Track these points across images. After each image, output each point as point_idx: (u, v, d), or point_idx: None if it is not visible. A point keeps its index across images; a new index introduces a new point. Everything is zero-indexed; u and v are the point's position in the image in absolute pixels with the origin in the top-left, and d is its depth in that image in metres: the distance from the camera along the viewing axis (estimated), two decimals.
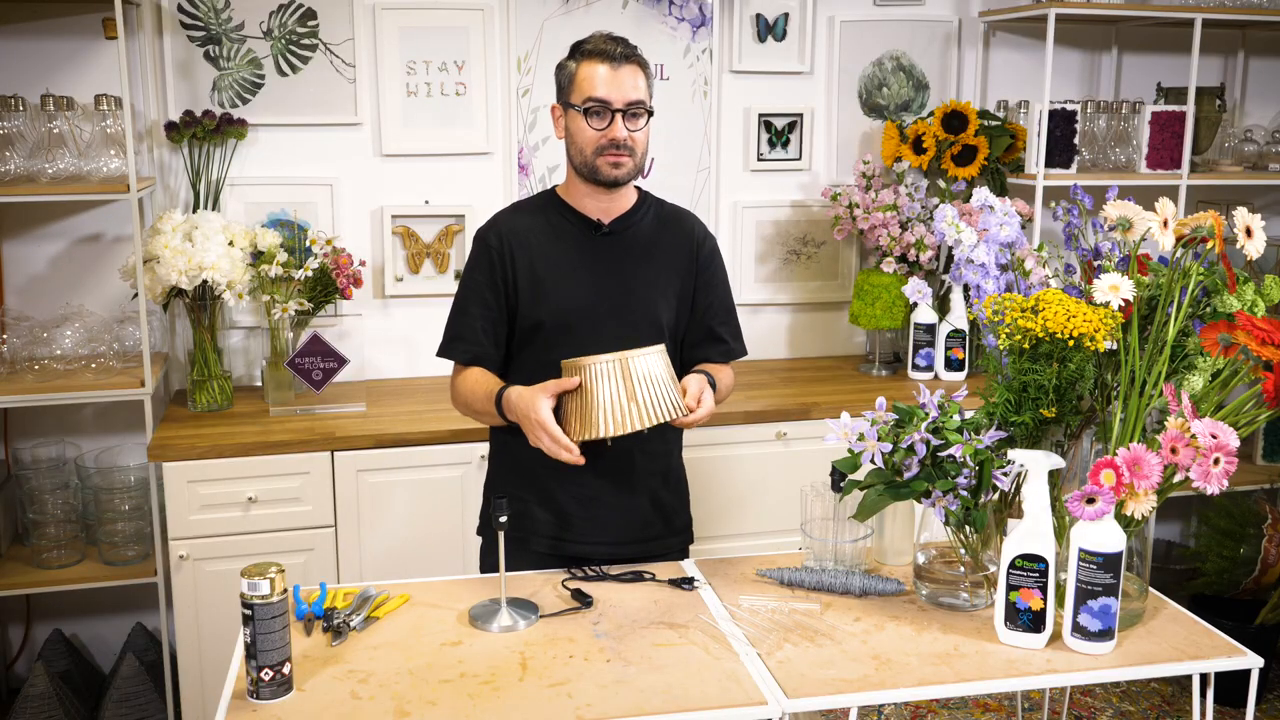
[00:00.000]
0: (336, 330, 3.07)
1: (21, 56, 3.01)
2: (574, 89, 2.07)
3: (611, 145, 2.04)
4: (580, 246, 2.13)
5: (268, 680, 1.62)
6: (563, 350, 2.03)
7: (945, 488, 1.79)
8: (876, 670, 1.71)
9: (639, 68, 2.07)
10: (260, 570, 1.63)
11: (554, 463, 1.94)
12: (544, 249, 2.13)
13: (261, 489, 2.74)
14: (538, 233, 2.14)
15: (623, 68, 2.04)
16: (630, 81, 2.04)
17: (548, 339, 2.10)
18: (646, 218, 2.18)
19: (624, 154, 2.05)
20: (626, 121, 2.05)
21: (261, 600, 1.61)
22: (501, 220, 2.18)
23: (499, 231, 2.15)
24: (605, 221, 2.14)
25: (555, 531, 2.14)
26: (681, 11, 3.40)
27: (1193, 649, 1.79)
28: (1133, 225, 1.87)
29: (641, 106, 2.06)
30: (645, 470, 2.17)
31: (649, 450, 2.16)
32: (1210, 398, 1.83)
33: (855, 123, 3.61)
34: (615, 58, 2.04)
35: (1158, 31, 3.73)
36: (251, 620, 1.61)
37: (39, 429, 3.17)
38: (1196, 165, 3.60)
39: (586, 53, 2.06)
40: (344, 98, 3.21)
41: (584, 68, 2.06)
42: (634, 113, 2.05)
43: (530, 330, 2.12)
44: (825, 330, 3.71)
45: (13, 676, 3.26)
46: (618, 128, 2.04)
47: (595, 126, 2.04)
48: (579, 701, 1.62)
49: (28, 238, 3.11)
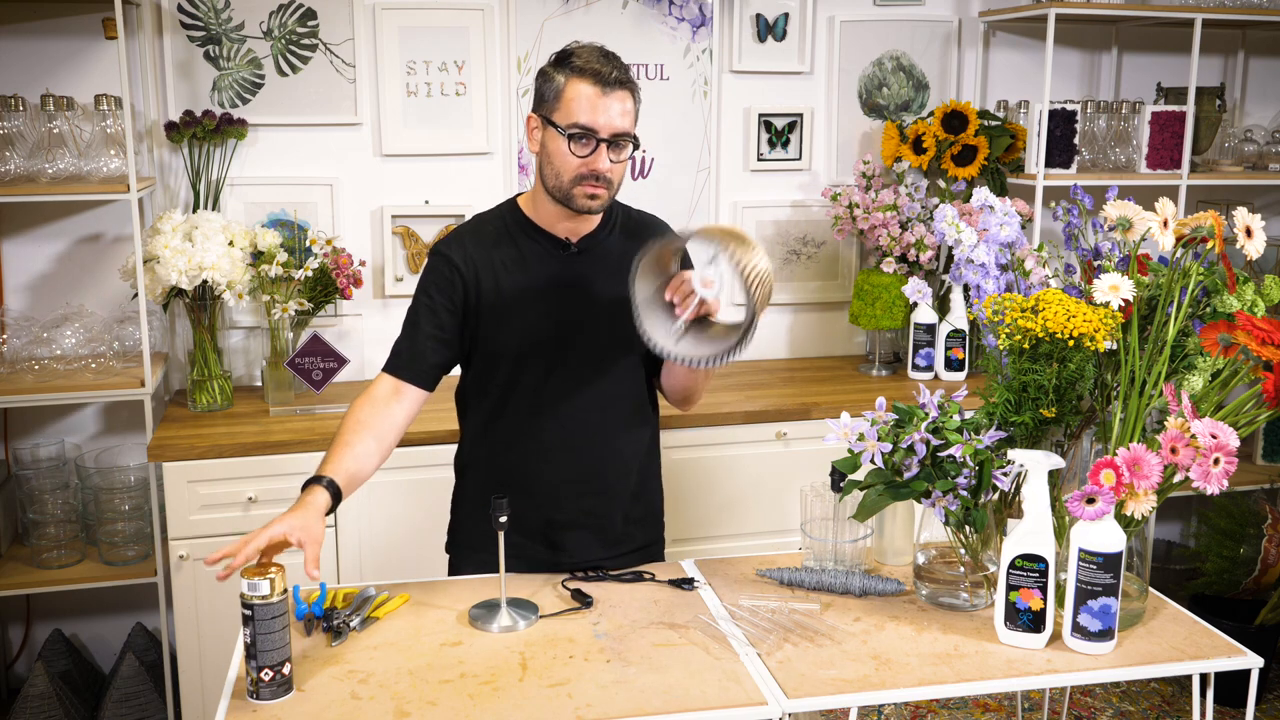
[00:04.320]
0: (336, 330, 3.07)
1: (21, 56, 3.01)
2: (559, 107, 1.92)
3: (592, 176, 1.91)
4: (548, 270, 2.02)
5: (268, 680, 1.61)
6: (527, 375, 2.01)
7: (945, 488, 1.79)
8: (876, 670, 1.71)
9: (630, 93, 1.93)
10: (260, 570, 1.63)
11: (523, 481, 2.01)
12: (510, 275, 2.01)
13: (261, 489, 2.74)
14: (503, 257, 2.02)
15: (613, 93, 1.90)
16: (619, 108, 1.90)
17: (512, 365, 2.03)
18: (614, 232, 2.08)
19: (602, 186, 1.93)
20: (610, 152, 1.92)
21: (261, 601, 1.61)
22: (465, 241, 2.04)
23: (465, 255, 2.02)
24: (574, 240, 2.03)
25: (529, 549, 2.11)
26: (681, 11, 3.40)
27: (1193, 649, 1.79)
28: (1133, 225, 1.87)
29: (627, 137, 1.93)
30: (617, 485, 2.13)
31: (619, 465, 2.13)
32: (1210, 398, 1.83)
33: (855, 123, 3.61)
34: (608, 82, 1.89)
35: (1158, 31, 3.74)
36: (252, 620, 1.61)
37: (39, 429, 3.17)
38: (1196, 165, 3.60)
39: (577, 69, 1.91)
40: (344, 98, 3.21)
41: (572, 86, 1.90)
42: (619, 143, 1.93)
43: (491, 356, 2.04)
44: (825, 330, 3.71)
45: (13, 676, 3.26)
46: (601, 158, 1.91)
47: (577, 154, 1.91)
48: (579, 702, 1.62)
49: (28, 238, 3.11)
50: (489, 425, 2.10)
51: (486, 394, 2.08)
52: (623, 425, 2.11)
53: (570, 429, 2.06)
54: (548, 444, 2.06)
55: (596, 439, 2.08)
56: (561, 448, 2.07)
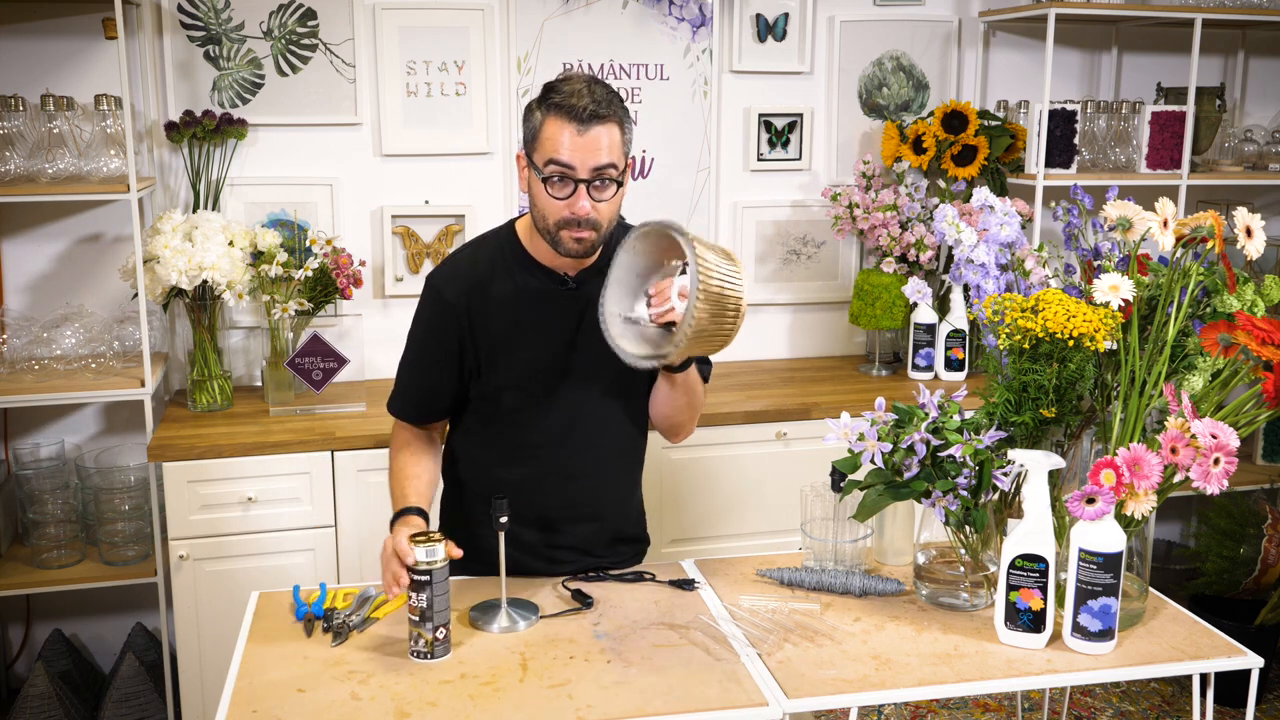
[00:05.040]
0: (336, 330, 3.07)
1: (21, 56, 3.01)
2: (537, 146, 1.84)
3: (574, 220, 1.83)
4: (545, 306, 1.97)
5: (441, 639, 1.73)
6: (523, 407, 1.98)
7: (945, 488, 1.79)
8: (876, 670, 1.71)
9: (615, 124, 1.81)
10: (425, 539, 1.72)
11: (516, 510, 1.93)
12: (506, 311, 1.96)
13: (261, 489, 2.74)
14: (498, 293, 1.96)
15: (591, 129, 1.78)
16: (599, 144, 1.79)
17: (507, 396, 2.00)
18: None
19: (586, 230, 1.84)
20: (592, 191, 1.82)
21: (439, 565, 1.71)
22: (461, 275, 1.98)
23: (460, 288, 1.96)
24: (571, 275, 1.97)
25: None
26: (681, 11, 3.40)
27: (1193, 649, 1.79)
28: (1133, 225, 1.87)
29: (612, 171, 1.82)
30: (611, 513, 2.13)
31: (614, 494, 2.12)
32: (1210, 398, 1.83)
33: (855, 123, 3.61)
34: (584, 118, 1.78)
35: (1158, 31, 3.74)
36: (429, 585, 1.70)
37: (39, 429, 3.17)
38: (1196, 165, 3.60)
39: (554, 105, 1.80)
40: (344, 98, 3.21)
41: (549, 124, 1.81)
42: (602, 179, 1.82)
43: (487, 388, 2.00)
44: (825, 330, 3.71)
45: (13, 676, 3.26)
46: (580, 200, 1.81)
47: (556, 196, 1.82)
48: (579, 702, 1.62)
49: (28, 238, 3.11)
50: (484, 451, 2.08)
51: (482, 422, 2.06)
52: (619, 455, 2.10)
53: (566, 459, 2.04)
54: (543, 473, 2.04)
55: (592, 470, 2.06)
56: (557, 477, 2.04)
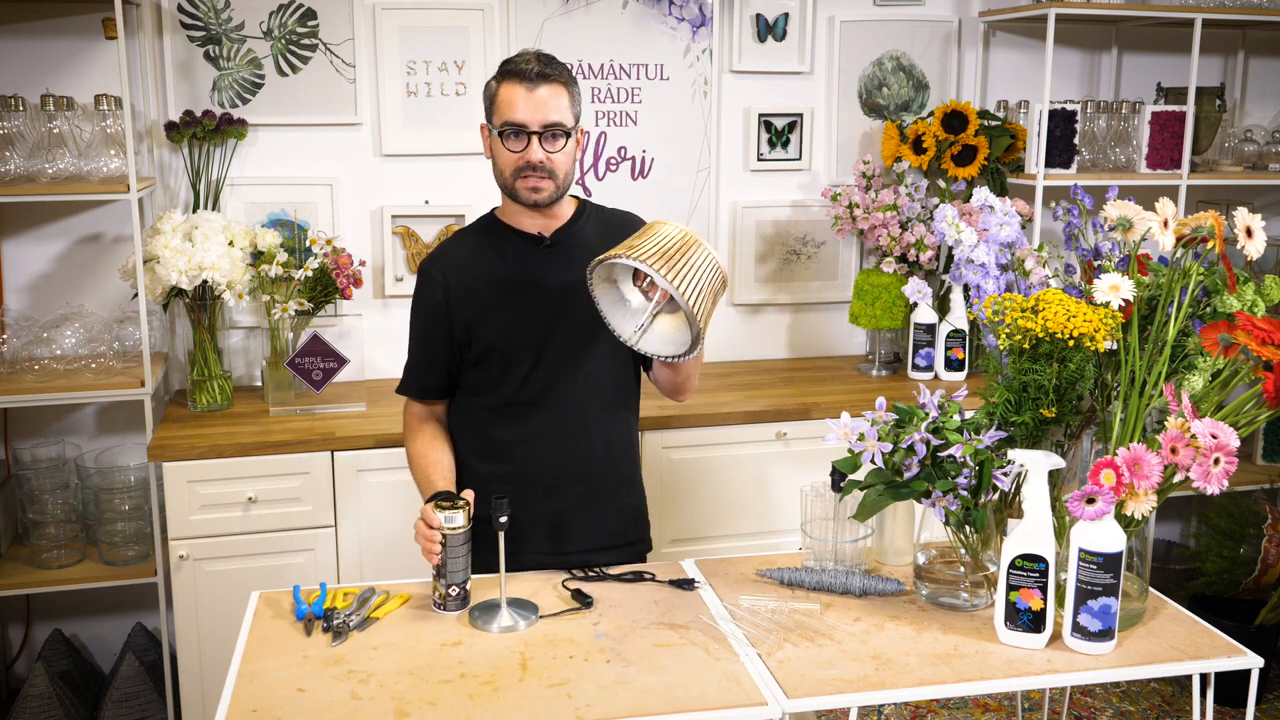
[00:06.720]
0: (336, 330, 3.07)
1: (21, 56, 3.01)
2: (494, 111, 2.04)
3: (529, 168, 2.02)
4: (525, 263, 2.11)
5: (455, 595, 1.88)
6: (514, 367, 2.09)
7: (945, 488, 1.79)
8: (876, 670, 1.71)
9: (561, 86, 2.02)
10: (451, 503, 1.87)
11: (520, 473, 2.11)
12: (488, 273, 2.11)
13: (261, 489, 2.74)
14: (480, 257, 2.13)
15: (539, 88, 1.99)
16: (548, 103, 2.00)
17: (499, 358, 2.11)
18: (588, 225, 2.16)
19: (542, 176, 2.02)
20: (544, 144, 2.01)
21: (455, 530, 1.85)
22: (444, 251, 2.18)
23: (442, 265, 2.14)
24: (546, 235, 2.12)
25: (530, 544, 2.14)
26: (681, 11, 3.40)
27: (1193, 649, 1.79)
28: (1133, 225, 1.87)
29: (560, 128, 2.01)
30: (607, 469, 2.18)
31: (609, 448, 2.17)
32: (1210, 398, 1.83)
33: (855, 123, 3.61)
34: (531, 78, 1.99)
35: (1158, 31, 3.74)
36: (445, 546, 1.85)
37: (39, 429, 3.17)
38: (1196, 165, 3.60)
39: (505, 73, 2.03)
40: (344, 98, 3.21)
41: (503, 89, 2.02)
42: (552, 134, 2.01)
43: (482, 353, 2.12)
44: (825, 330, 3.71)
45: (13, 676, 3.26)
46: (534, 150, 2.01)
47: (512, 149, 2.02)
48: (579, 702, 1.62)
49: (28, 238, 3.11)
50: (478, 419, 2.16)
51: (475, 390, 2.15)
52: (610, 408, 2.17)
53: (561, 416, 2.11)
54: (539, 432, 2.12)
55: (586, 424, 2.13)
56: (553, 434, 2.12)
